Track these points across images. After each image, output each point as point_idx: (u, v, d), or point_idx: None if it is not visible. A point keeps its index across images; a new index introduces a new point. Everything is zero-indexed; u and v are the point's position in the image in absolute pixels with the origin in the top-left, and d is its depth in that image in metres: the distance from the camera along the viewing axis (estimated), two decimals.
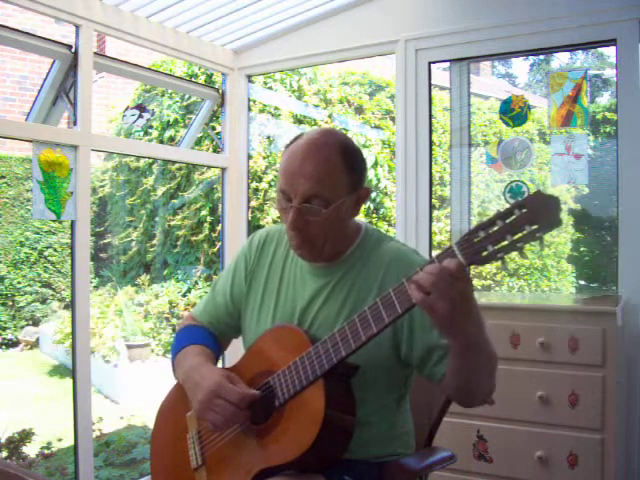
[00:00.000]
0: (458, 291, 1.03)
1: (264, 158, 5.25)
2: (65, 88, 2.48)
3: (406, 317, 1.27)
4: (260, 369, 1.34)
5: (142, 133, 5.81)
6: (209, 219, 5.51)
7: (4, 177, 6.32)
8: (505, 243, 1.01)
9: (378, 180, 5.42)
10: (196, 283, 5.73)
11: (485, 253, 1.03)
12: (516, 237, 1.01)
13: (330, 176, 1.28)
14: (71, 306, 2.49)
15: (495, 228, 1.02)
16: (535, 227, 0.99)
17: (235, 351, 1.73)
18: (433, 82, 2.84)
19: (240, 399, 1.25)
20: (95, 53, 2.56)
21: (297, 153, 1.30)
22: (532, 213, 1.00)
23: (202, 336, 1.49)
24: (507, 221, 1.02)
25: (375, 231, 1.44)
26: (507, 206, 1.03)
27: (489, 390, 1.26)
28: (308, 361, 1.23)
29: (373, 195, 5.41)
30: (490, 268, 4.94)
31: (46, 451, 3.57)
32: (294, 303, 1.39)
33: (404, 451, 1.40)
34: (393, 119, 5.26)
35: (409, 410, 1.46)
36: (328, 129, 1.39)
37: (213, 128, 4.14)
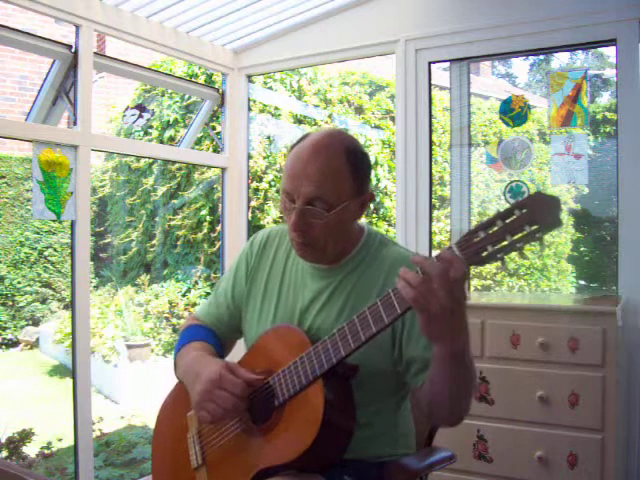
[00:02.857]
0: (451, 292, 1.01)
1: (264, 158, 5.25)
2: (65, 88, 2.48)
3: (400, 326, 1.28)
4: (260, 369, 1.33)
5: (142, 133, 5.81)
6: (209, 219, 5.51)
7: (4, 177, 6.32)
8: (505, 243, 1.01)
9: (378, 180, 5.42)
10: (196, 283, 5.73)
11: (485, 253, 1.02)
12: (516, 237, 1.00)
13: (334, 179, 1.27)
14: (71, 306, 2.49)
15: (495, 228, 1.02)
16: (535, 227, 0.99)
17: (235, 351, 1.72)
18: (433, 82, 2.85)
19: (243, 390, 1.25)
20: (95, 53, 2.55)
21: (302, 154, 1.29)
22: (532, 213, 0.99)
23: (204, 334, 1.50)
24: (507, 221, 1.01)
25: (378, 234, 1.43)
26: (507, 206, 1.03)
27: (462, 409, 1.24)
28: (308, 361, 1.23)
29: None
30: (490, 268, 4.94)
31: (46, 451, 3.57)
32: (294, 305, 1.39)
33: (405, 452, 1.40)
34: (393, 119, 5.26)
35: (410, 411, 1.45)
36: (335, 131, 1.36)
37: (213, 128, 4.14)
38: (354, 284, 1.35)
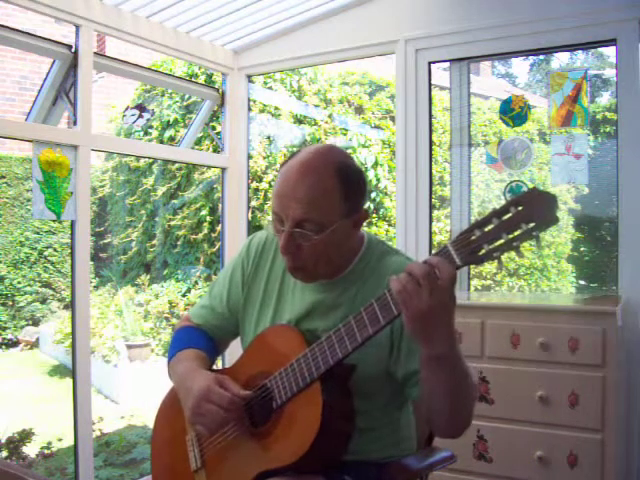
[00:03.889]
0: (436, 294, 1.02)
1: (264, 158, 5.25)
2: (65, 88, 2.48)
3: (398, 335, 1.27)
4: (257, 370, 1.33)
5: (142, 133, 5.80)
6: (209, 219, 5.51)
7: (4, 177, 6.32)
8: (501, 242, 1.00)
9: (378, 180, 5.42)
10: (196, 283, 5.73)
11: (481, 252, 1.02)
12: (512, 236, 0.99)
13: (323, 200, 1.22)
14: (71, 306, 2.49)
15: (491, 226, 1.01)
16: (531, 225, 0.98)
17: (236, 351, 1.72)
18: (433, 82, 2.85)
19: (230, 402, 1.24)
20: (95, 53, 2.56)
21: (290, 175, 1.24)
22: (528, 210, 0.98)
23: (198, 339, 1.48)
24: (503, 219, 1.00)
25: (378, 243, 1.39)
26: (503, 203, 1.02)
27: (461, 419, 1.23)
28: (304, 363, 1.23)
29: (373, 195, 5.41)
30: (490, 268, 4.94)
31: (46, 451, 3.57)
32: (292, 314, 1.36)
33: (406, 454, 1.39)
34: (393, 119, 5.26)
35: (411, 413, 1.45)
36: (325, 148, 1.31)
37: (213, 128, 4.14)
38: (354, 296, 1.32)
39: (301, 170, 1.24)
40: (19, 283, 6.27)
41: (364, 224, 1.35)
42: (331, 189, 1.23)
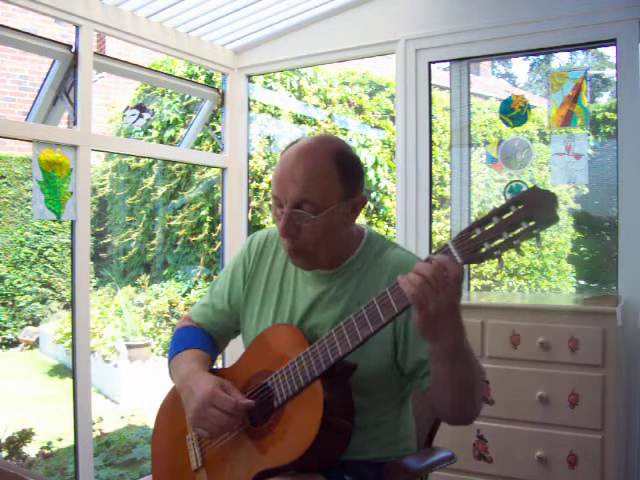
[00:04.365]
0: (449, 291, 1.02)
1: (264, 158, 5.25)
2: (65, 88, 2.48)
3: (403, 329, 1.28)
4: (258, 369, 1.34)
5: (142, 133, 5.80)
6: (209, 219, 5.51)
7: (4, 177, 6.32)
8: (502, 240, 1.01)
9: (378, 180, 5.42)
10: (196, 283, 5.73)
11: (482, 251, 1.02)
12: (512, 234, 1.00)
13: (321, 182, 1.25)
14: (71, 306, 2.49)
15: (491, 225, 1.01)
16: (532, 223, 0.99)
17: (236, 350, 1.72)
18: (433, 82, 2.85)
19: (235, 408, 1.24)
20: (95, 53, 2.56)
21: (289, 159, 1.28)
22: (528, 209, 0.99)
23: (198, 339, 1.48)
24: (503, 217, 1.01)
25: (379, 237, 1.41)
26: (503, 202, 1.02)
27: (472, 408, 1.24)
28: (305, 361, 1.23)
29: (373, 195, 5.41)
30: (490, 268, 4.94)
31: (46, 451, 3.57)
32: (293, 309, 1.37)
33: (406, 453, 1.39)
34: (393, 119, 5.26)
35: (411, 412, 1.45)
36: (323, 135, 1.36)
37: (213, 128, 4.14)
38: (355, 288, 1.33)
39: (299, 155, 1.28)
40: (19, 283, 6.27)
41: (362, 210, 1.37)
42: (329, 171, 1.27)
